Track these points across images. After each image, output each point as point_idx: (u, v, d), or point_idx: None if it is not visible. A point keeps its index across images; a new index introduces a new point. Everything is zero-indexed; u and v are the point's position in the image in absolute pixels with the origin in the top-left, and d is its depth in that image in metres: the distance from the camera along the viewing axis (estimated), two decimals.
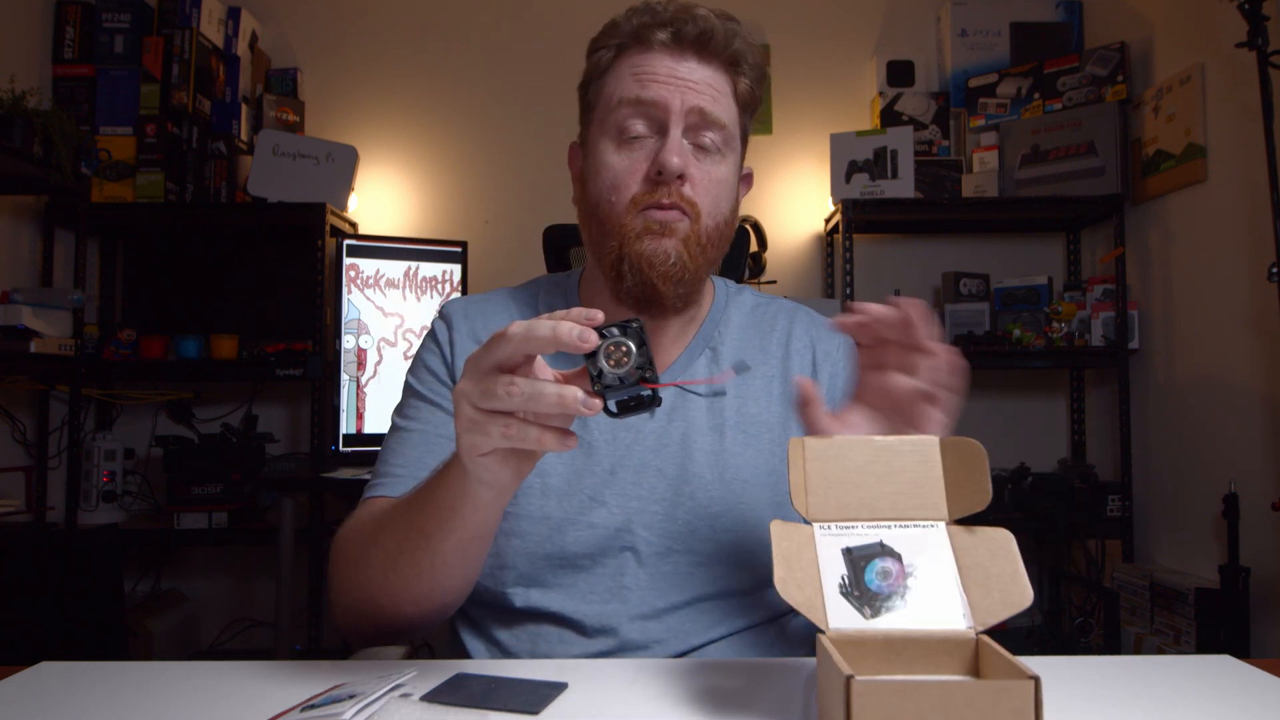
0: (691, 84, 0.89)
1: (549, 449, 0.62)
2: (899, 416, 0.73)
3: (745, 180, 1.00)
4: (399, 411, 0.98)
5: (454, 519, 0.72)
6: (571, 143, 1.01)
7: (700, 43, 0.89)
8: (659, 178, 0.88)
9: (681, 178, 0.88)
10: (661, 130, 0.89)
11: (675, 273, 0.88)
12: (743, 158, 0.98)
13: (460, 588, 0.81)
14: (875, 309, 0.71)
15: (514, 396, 0.60)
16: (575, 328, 0.60)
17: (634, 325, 0.62)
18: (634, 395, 0.62)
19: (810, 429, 0.73)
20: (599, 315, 0.61)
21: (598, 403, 0.60)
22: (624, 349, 0.61)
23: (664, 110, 0.88)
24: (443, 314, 1.01)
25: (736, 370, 0.68)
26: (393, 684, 0.66)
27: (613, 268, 0.90)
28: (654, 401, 0.63)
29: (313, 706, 0.63)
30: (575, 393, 0.60)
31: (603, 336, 0.61)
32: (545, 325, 0.60)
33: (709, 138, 0.90)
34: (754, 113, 0.97)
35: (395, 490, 0.89)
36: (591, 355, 0.61)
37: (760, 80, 0.95)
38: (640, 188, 0.89)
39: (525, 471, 0.69)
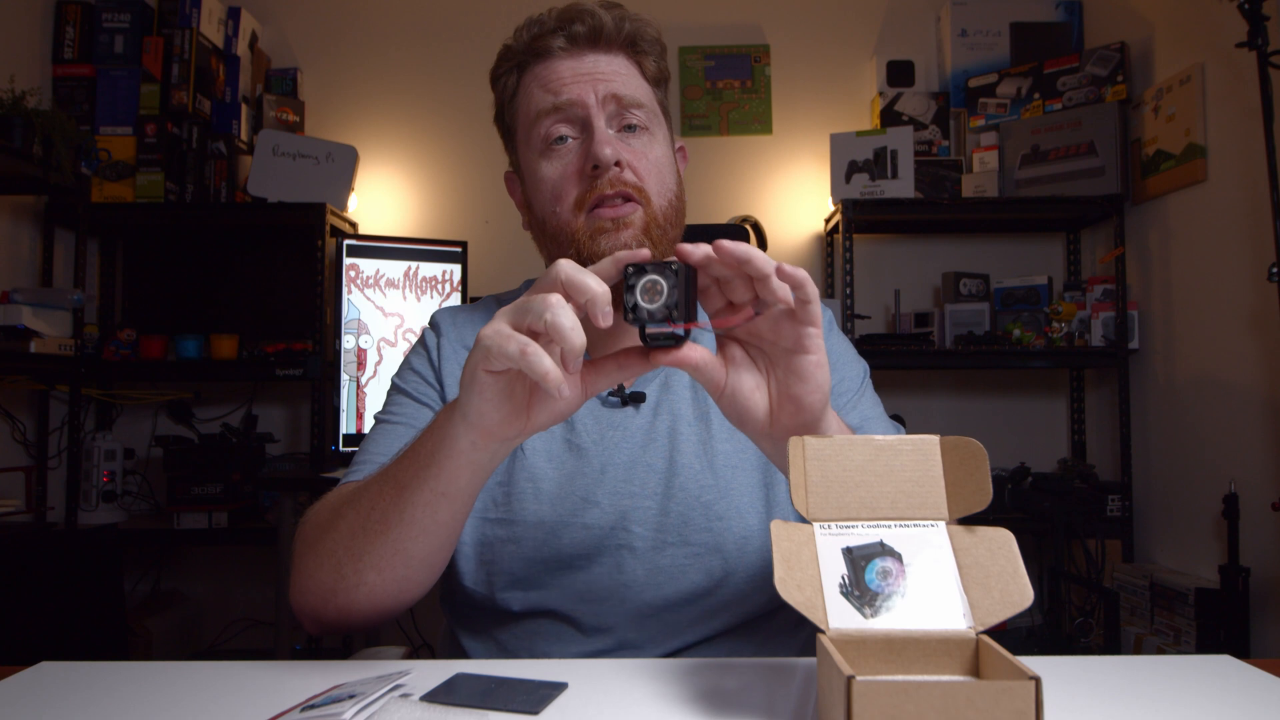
0: (600, 75, 0.90)
1: (550, 385, 0.62)
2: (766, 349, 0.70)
3: (680, 154, 1.01)
4: (382, 410, 0.99)
5: (430, 467, 0.72)
6: (506, 172, 1.02)
7: (594, 36, 0.91)
8: (595, 171, 0.88)
9: (619, 164, 0.88)
10: (585, 127, 0.90)
11: None
12: (671, 134, 0.98)
13: (424, 562, 0.77)
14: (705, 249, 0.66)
15: (549, 306, 0.61)
16: (606, 305, 0.62)
17: (672, 267, 0.64)
18: (660, 331, 0.66)
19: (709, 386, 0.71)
20: (645, 253, 0.64)
21: (613, 312, 0.63)
22: (658, 287, 0.64)
23: (581, 107, 0.89)
24: (432, 322, 1.03)
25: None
26: (393, 684, 0.66)
27: None
28: (681, 340, 0.67)
29: (312, 706, 0.63)
30: (602, 304, 0.62)
31: (642, 273, 0.64)
32: (592, 281, 0.62)
33: (633, 115, 0.91)
34: (666, 87, 0.99)
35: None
36: (628, 289, 0.64)
37: (663, 54, 0.97)
38: (580, 187, 0.89)
39: (512, 429, 0.68)
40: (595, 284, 0.62)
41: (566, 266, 0.63)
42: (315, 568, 0.80)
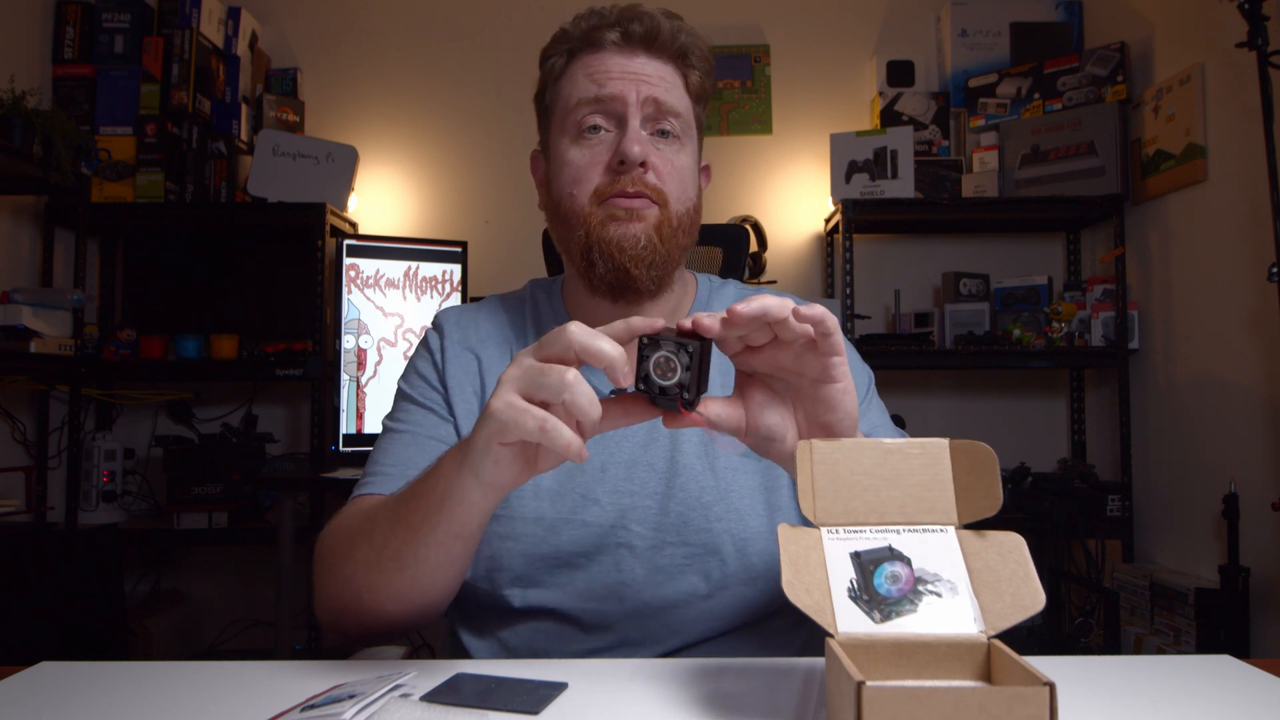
0: (645, 77, 0.92)
1: (572, 455, 0.63)
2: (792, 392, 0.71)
3: (705, 172, 1.02)
4: (390, 416, 0.99)
5: (440, 512, 0.73)
6: (533, 151, 1.03)
7: (648, 39, 0.93)
8: (621, 167, 0.89)
9: (644, 165, 0.90)
10: (620, 123, 0.91)
11: (646, 256, 0.89)
12: (700, 150, 0.99)
13: (443, 589, 0.80)
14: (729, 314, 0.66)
15: (567, 386, 0.62)
16: (624, 367, 0.63)
17: (688, 348, 0.65)
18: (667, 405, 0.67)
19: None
20: (659, 322, 0.66)
21: (631, 373, 0.65)
22: (671, 364, 0.65)
23: (621, 103, 0.91)
24: (435, 323, 1.03)
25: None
26: (392, 684, 0.65)
27: (583, 257, 0.91)
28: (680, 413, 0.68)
29: (313, 706, 0.63)
30: (621, 368, 0.64)
31: (659, 345, 0.65)
32: (607, 346, 0.63)
33: (668, 123, 0.93)
34: (706, 105, 1.00)
35: (384, 488, 0.90)
36: (641, 358, 0.66)
37: (710, 73, 0.98)
38: (603, 179, 0.91)
39: (522, 480, 0.70)
40: (611, 349, 0.63)
41: (579, 333, 0.64)
42: (336, 593, 0.83)
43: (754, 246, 2.73)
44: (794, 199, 3.00)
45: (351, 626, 0.83)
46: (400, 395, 1.00)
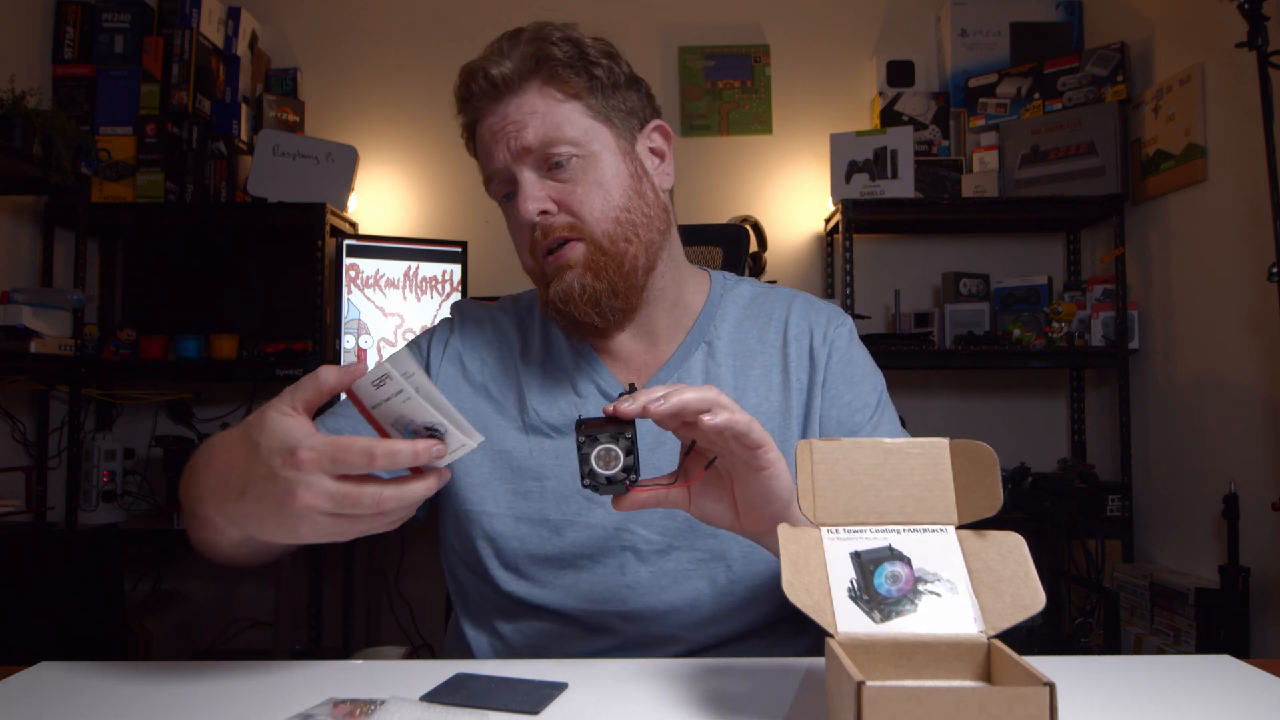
0: (514, 124, 0.89)
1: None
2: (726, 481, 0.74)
3: (660, 134, 0.97)
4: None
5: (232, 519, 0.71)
6: None
7: (508, 81, 0.90)
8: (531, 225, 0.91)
9: (545, 213, 0.89)
10: (514, 184, 0.91)
11: (587, 298, 0.89)
12: (635, 130, 0.94)
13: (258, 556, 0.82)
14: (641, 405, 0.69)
15: (380, 506, 0.64)
16: (427, 457, 0.64)
17: (626, 435, 0.69)
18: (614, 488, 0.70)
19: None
20: (596, 418, 0.69)
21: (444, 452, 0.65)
22: (613, 454, 0.69)
23: (505, 170, 0.91)
24: (450, 317, 1.05)
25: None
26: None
27: (546, 314, 0.94)
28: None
29: None
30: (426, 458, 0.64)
31: (595, 440, 0.68)
32: (401, 448, 0.63)
33: (556, 152, 0.89)
34: (623, 90, 0.94)
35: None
36: (582, 457, 0.69)
37: (603, 58, 0.92)
38: (528, 239, 0.92)
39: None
40: (405, 452, 0.63)
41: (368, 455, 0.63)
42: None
43: (754, 246, 2.73)
44: (794, 199, 3.00)
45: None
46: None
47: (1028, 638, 2.44)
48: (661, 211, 0.94)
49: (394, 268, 2.58)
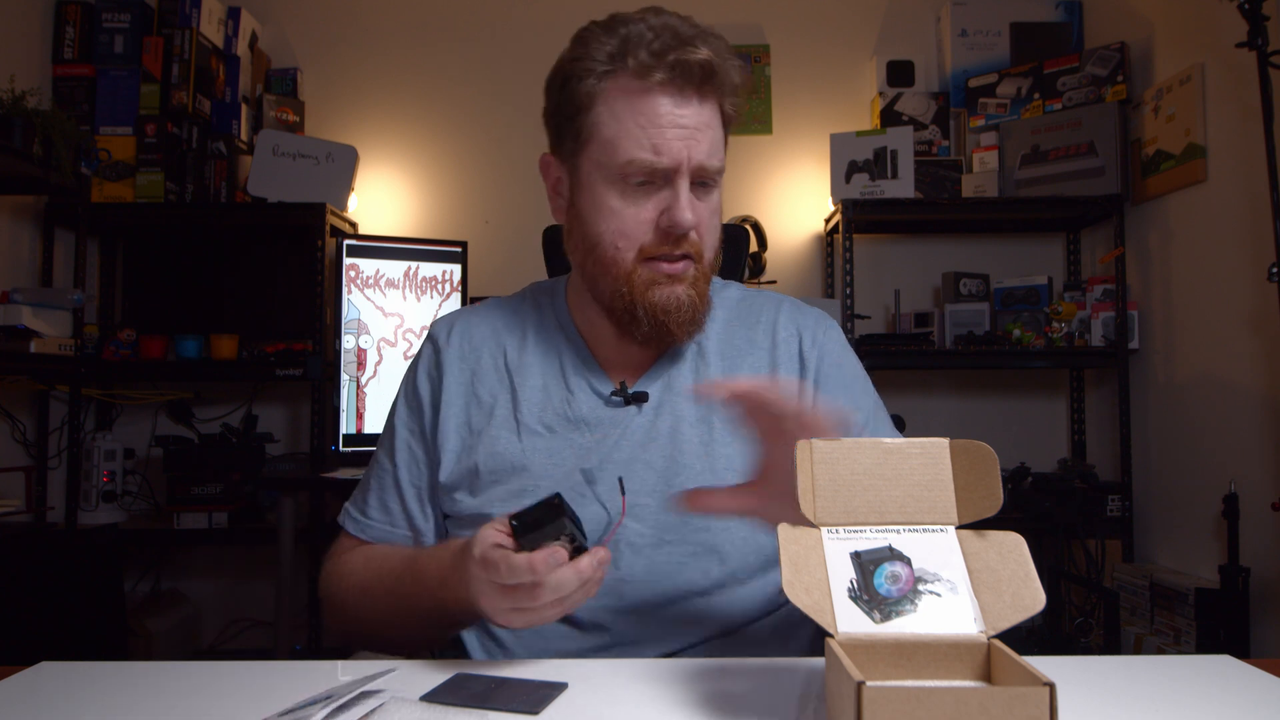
0: (694, 134, 0.87)
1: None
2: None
3: None
4: (384, 435, 1.03)
5: (444, 605, 0.82)
6: (544, 156, 0.98)
7: (703, 81, 0.87)
8: (669, 229, 0.88)
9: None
10: (668, 181, 0.88)
11: (688, 315, 0.91)
12: None
13: (448, 635, 0.92)
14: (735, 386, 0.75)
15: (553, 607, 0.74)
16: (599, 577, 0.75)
17: (565, 530, 0.74)
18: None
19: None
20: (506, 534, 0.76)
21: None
22: (561, 543, 0.73)
23: (670, 166, 0.87)
24: (431, 335, 1.04)
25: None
26: (360, 690, 0.65)
27: (625, 311, 0.91)
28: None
29: (289, 711, 0.62)
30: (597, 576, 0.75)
31: (538, 544, 0.73)
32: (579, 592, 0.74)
33: (711, 178, 0.91)
34: (734, 116, 0.96)
35: (365, 533, 1.00)
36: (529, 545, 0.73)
37: (745, 75, 0.96)
38: (650, 239, 0.90)
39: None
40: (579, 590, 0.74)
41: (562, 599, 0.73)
42: (348, 630, 0.97)
43: (754, 246, 2.73)
44: (794, 199, 3.00)
45: (368, 646, 0.95)
46: (392, 415, 1.03)
47: (1028, 638, 2.44)
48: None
49: (394, 268, 2.58)
